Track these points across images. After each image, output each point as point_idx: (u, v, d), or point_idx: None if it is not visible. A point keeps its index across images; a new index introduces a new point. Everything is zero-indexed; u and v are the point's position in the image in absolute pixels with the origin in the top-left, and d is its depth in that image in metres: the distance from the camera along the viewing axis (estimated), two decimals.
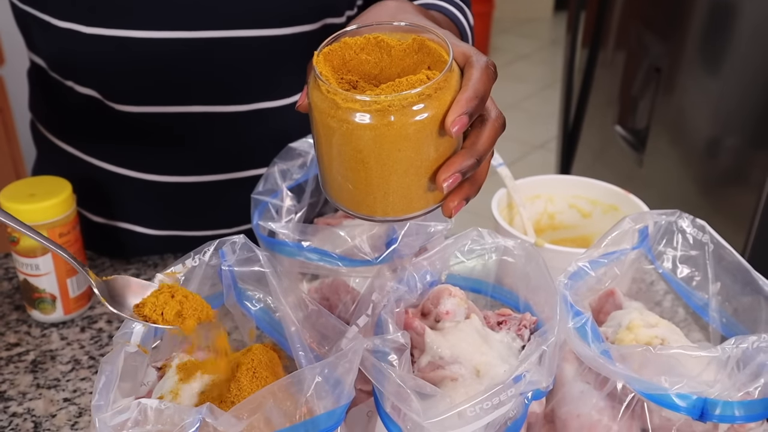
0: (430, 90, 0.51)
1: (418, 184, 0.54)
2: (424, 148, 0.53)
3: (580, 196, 0.94)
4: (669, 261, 0.68)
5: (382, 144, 0.52)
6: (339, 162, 0.54)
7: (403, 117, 0.51)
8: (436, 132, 0.52)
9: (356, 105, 0.51)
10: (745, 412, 0.54)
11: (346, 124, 0.51)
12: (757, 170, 1.44)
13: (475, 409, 0.52)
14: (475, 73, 0.54)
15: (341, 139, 0.52)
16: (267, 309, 0.62)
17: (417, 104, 0.51)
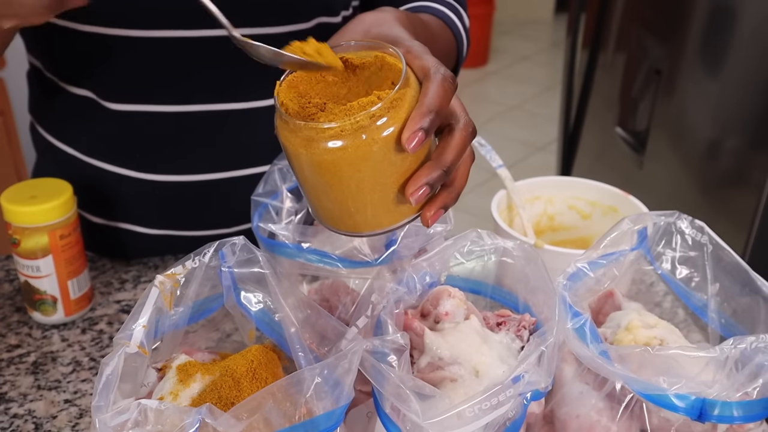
0: (383, 110, 0.51)
1: (390, 198, 0.55)
2: (386, 165, 0.53)
3: (579, 197, 0.95)
4: (668, 262, 0.68)
5: (342, 166, 0.52)
6: (311, 185, 0.56)
7: (356, 139, 0.51)
8: (396, 148, 0.52)
9: (312, 132, 0.51)
10: (744, 413, 0.54)
11: (306, 150, 0.52)
12: (757, 172, 1.44)
13: (474, 409, 0.52)
14: (430, 86, 0.53)
15: (307, 165, 0.53)
16: (267, 310, 0.62)
17: (371, 125, 0.51)
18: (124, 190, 0.92)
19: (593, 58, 2.03)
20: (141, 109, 0.87)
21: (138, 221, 0.95)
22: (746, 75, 1.48)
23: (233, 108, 0.88)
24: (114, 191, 0.93)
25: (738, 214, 1.49)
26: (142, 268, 0.95)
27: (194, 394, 0.56)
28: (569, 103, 2.14)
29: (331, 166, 0.52)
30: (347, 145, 0.51)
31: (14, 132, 1.90)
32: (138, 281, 0.93)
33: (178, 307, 0.62)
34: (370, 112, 0.51)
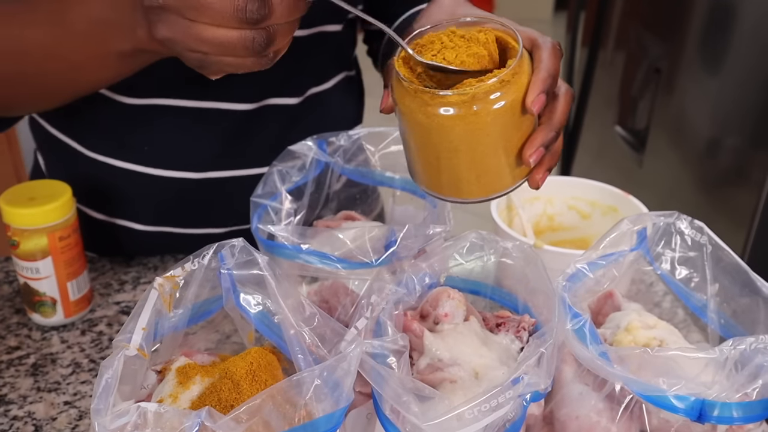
0: (508, 77, 0.56)
1: (506, 163, 0.60)
2: (508, 130, 0.58)
3: (579, 197, 0.95)
4: (667, 262, 0.68)
5: (471, 132, 0.57)
6: (432, 154, 0.59)
7: (487, 105, 0.55)
8: (518, 114, 0.57)
9: (444, 100, 0.55)
10: (744, 414, 0.54)
11: (437, 118, 0.56)
12: (756, 170, 1.44)
13: (474, 411, 0.52)
14: (544, 54, 0.59)
15: (433, 133, 0.57)
16: (266, 312, 0.62)
17: (497, 92, 0.56)
18: (128, 185, 0.92)
19: (593, 57, 2.03)
20: (152, 103, 0.87)
21: (139, 218, 0.95)
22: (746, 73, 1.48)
23: (244, 108, 0.88)
24: (117, 186, 0.93)
25: (738, 212, 1.49)
26: (141, 269, 0.95)
27: (194, 397, 0.56)
28: None
29: (461, 132, 0.56)
30: (479, 111, 0.55)
31: (14, 133, 1.90)
32: (137, 282, 0.93)
33: (177, 309, 0.62)
34: (498, 78, 0.56)
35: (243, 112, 0.89)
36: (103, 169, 0.92)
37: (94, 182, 0.93)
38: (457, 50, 0.59)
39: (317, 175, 0.81)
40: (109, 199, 0.94)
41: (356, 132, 0.82)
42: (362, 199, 0.87)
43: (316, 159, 0.80)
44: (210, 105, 0.88)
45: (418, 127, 0.58)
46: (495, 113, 0.56)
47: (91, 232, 0.95)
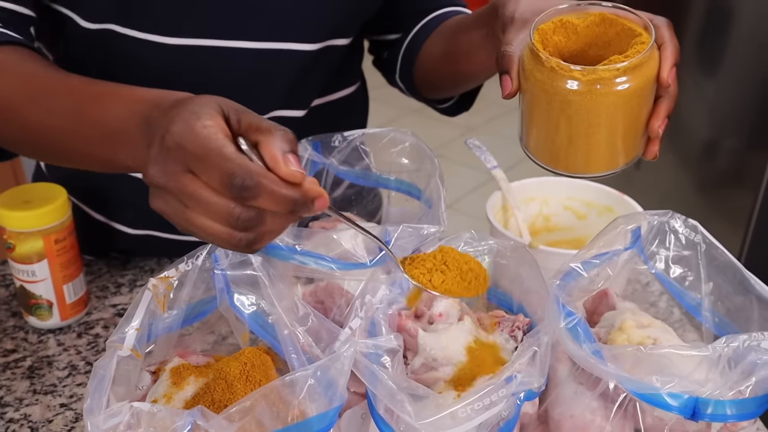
0: (648, 53, 0.60)
1: (635, 136, 0.64)
2: (643, 103, 0.63)
3: (574, 198, 0.95)
4: (662, 261, 0.68)
5: (618, 106, 0.61)
6: (570, 130, 0.63)
7: (633, 80, 0.60)
8: (652, 88, 0.62)
9: (596, 76, 0.59)
10: (737, 411, 0.54)
11: (587, 95, 0.60)
12: (753, 171, 1.44)
13: (467, 409, 0.52)
14: (665, 32, 0.64)
15: (581, 108, 0.61)
16: (260, 312, 0.62)
17: (639, 68, 0.60)
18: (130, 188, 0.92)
19: None
20: None
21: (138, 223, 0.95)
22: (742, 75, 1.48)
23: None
24: (119, 189, 0.93)
25: (735, 213, 1.49)
26: (137, 272, 0.96)
27: (188, 397, 0.56)
28: None
29: (611, 106, 0.60)
30: (629, 87, 0.60)
31: None
32: (134, 285, 0.93)
33: (171, 309, 0.62)
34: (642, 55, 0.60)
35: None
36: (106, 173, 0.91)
37: (95, 183, 0.93)
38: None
39: (312, 176, 0.81)
40: (110, 201, 0.94)
41: (352, 133, 0.82)
42: (358, 201, 0.87)
43: (312, 160, 0.80)
44: None
45: (561, 104, 0.61)
46: (637, 87, 0.60)
47: (90, 233, 0.95)
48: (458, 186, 2.81)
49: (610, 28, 0.65)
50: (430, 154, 0.78)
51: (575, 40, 0.66)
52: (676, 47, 0.64)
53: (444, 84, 0.95)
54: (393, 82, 1.03)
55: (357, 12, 0.90)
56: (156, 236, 0.95)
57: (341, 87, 0.97)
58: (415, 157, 0.80)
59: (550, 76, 0.61)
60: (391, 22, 0.98)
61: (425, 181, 0.78)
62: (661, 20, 0.65)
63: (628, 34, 0.64)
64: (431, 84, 0.97)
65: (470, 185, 2.85)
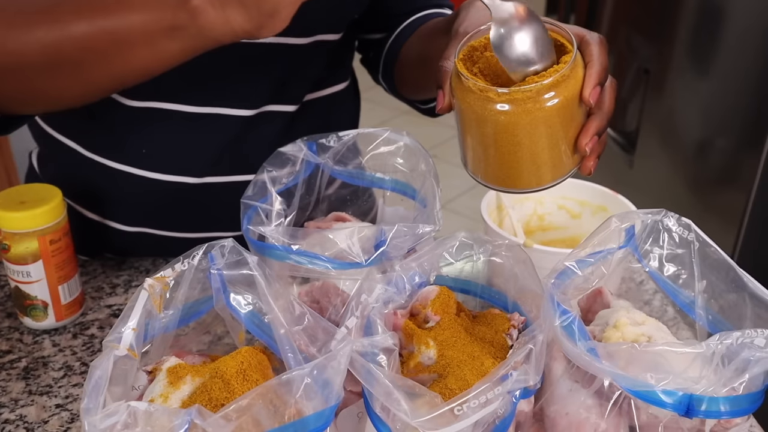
0: (567, 72, 0.60)
1: (563, 153, 0.64)
2: (566, 122, 0.62)
3: (568, 197, 0.95)
4: (655, 259, 0.69)
5: (534, 125, 0.61)
6: (494, 148, 0.63)
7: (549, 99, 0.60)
8: (575, 107, 0.62)
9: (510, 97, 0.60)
10: (731, 408, 0.54)
11: (502, 114, 0.60)
12: (746, 171, 1.45)
13: (463, 407, 0.52)
14: (594, 49, 0.63)
15: (498, 128, 0.61)
16: (256, 312, 0.62)
17: (558, 86, 0.60)
18: (123, 187, 0.92)
19: None
20: (152, 106, 0.87)
21: (133, 221, 0.95)
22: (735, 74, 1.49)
23: (242, 114, 0.89)
24: (112, 188, 0.93)
25: (728, 212, 1.49)
26: (133, 272, 0.96)
27: (184, 396, 0.56)
28: None
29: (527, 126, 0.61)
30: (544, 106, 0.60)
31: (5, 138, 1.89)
32: (129, 285, 0.93)
33: (167, 309, 0.62)
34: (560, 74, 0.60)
35: (241, 117, 0.89)
36: (99, 170, 0.92)
37: (89, 183, 0.93)
38: None
39: (307, 177, 0.81)
40: (103, 200, 0.95)
41: (347, 133, 0.82)
42: (353, 201, 0.87)
43: (307, 160, 0.81)
44: (209, 110, 0.88)
45: (481, 123, 0.62)
46: (557, 106, 0.60)
47: (84, 233, 0.95)
48: (452, 186, 2.82)
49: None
50: (425, 154, 0.78)
51: None
52: (603, 65, 0.63)
53: (420, 85, 0.96)
54: (377, 80, 1.05)
55: (344, 7, 0.91)
56: (150, 233, 0.95)
57: (332, 83, 0.97)
58: (409, 157, 0.80)
59: (470, 96, 0.62)
60: (377, 21, 0.99)
61: (420, 180, 0.78)
62: (594, 37, 0.64)
63: (559, 50, 0.64)
64: (409, 85, 0.99)
65: (464, 186, 2.86)
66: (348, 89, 1.02)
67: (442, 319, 0.63)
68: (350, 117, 1.04)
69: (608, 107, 0.65)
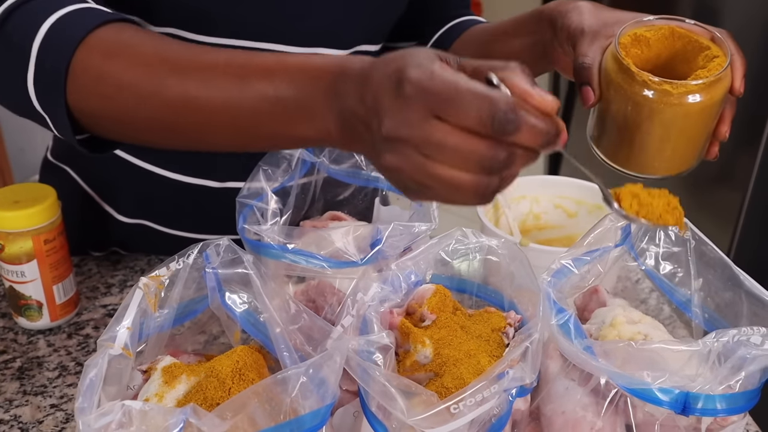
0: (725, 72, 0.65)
1: (706, 141, 0.70)
2: (717, 113, 0.68)
3: (565, 196, 0.95)
4: (652, 258, 0.69)
5: (703, 115, 0.66)
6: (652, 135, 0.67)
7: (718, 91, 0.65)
8: (726, 98, 0.68)
9: (687, 89, 0.64)
10: (727, 405, 0.54)
11: (677, 107, 0.65)
12: (742, 170, 1.45)
13: (459, 406, 0.52)
14: (731, 43, 0.67)
15: (665, 118, 0.65)
16: (252, 311, 0.62)
17: (720, 82, 0.65)
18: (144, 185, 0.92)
19: None
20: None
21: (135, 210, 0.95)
22: None
23: None
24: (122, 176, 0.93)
25: (724, 211, 1.49)
26: (128, 272, 0.95)
27: (179, 396, 0.56)
28: None
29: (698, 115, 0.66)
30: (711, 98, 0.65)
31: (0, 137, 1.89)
32: (124, 285, 0.93)
33: (162, 308, 0.62)
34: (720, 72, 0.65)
35: None
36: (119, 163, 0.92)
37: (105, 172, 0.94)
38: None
39: (303, 176, 0.81)
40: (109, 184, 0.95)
41: None
42: (349, 200, 0.87)
43: (303, 159, 0.80)
44: None
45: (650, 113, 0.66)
46: (718, 98, 0.66)
47: (85, 222, 0.96)
48: None
49: (678, 41, 0.69)
50: None
51: (647, 52, 0.70)
52: (743, 57, 0.68)
53: None
54: None
55: (385, 18, 0.92)
56: (149, 227, 0.95)
57: None
58: None
59: (641, 88, 0.65)
60: (410, 29, 0.99)
61: None
62: (724, 33, 0.69)
63: (695, 46, 0.68)
64: None
65: None
66: None
67: (438, 317, 0.63)
68: None
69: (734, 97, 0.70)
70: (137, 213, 0.95)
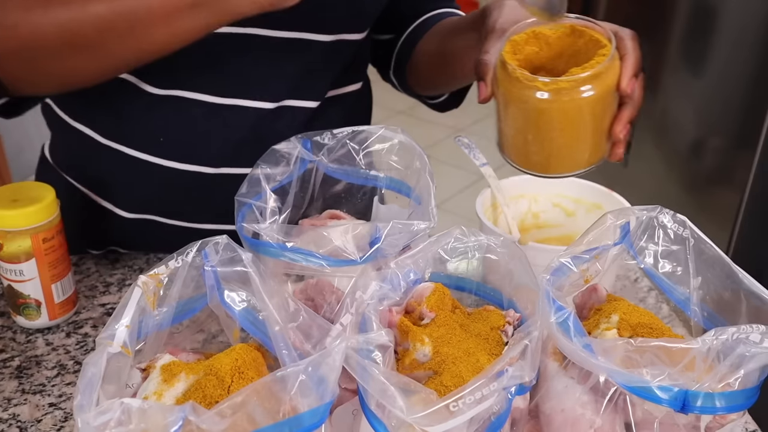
0: (608, 64, 0.65)
1: (598, 140, 0.70)
2: (605, 110, 0.68)
3: (563, 195, 0.95)
4: (650, 256, 0.69)
5: (577, 114, 0.66)
6: (534, 134, 0.68)
7: (592, 89, 0.65)
8: (612, 96, 0.67)
9: (557, 86, 0.64)
10: (726, 403, 0.54)
11: (547, 103, 0.65)
12: (740, 170, 1.45)
13: (459, 404, 0.52)
14: (629, 43, 0.68)
15: (542, 115, 0.66)
16: (251, 309, 0.62)
17: (599, 78, 0.65)
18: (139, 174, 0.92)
19: None
20: (173, 94, 0.88)
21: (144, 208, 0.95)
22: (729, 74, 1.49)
23: (262, 107, 0.90)
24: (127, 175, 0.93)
25: (721, 211, 1.50)
26: (127, 271, 0.95)
27: (178, 394, 0.55)
28: None
29: (573, 113, 0.65)
30: (591, 95, 0.65)
31: None
32: (123, 284, 0.93)
33: (161, 307, 0.62)
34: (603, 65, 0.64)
35: (261, 110, 0.90)
36: (114, 156, 0.92)
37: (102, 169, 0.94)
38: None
39: (302, 174, 0.81)
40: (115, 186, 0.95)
41: (341, 131, 0.82)
42: (347, 198, 0.87)
43: (301, 158, 0.80)
44: (229, 101, 0.89)
45: (525, 111, 0.67)
46: (596, 96, 0.65)
47: (86, 221, 0.96)
48: (446, 186, 2.82)
49: (579, 38, 0.69)
50: (420, 151, 0.78)
51: (547, 50, 0.70)
52: (637, 58, 0.68)
53: (436, 83, 0.99)
54: (386, 77, 1.08)
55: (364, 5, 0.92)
56: (151, 220, 0.95)
57: (351, 82, 0.99)
58: (404, 155, 0.80)
59: (517, 85, 0.66)
60: (388, 22, 1.01)
61: (415, 178, 0.78)
62: (626, 32, 0.69)
63: (595, 44, 0.68)
64: (423, 82, 1.01)
65: (459, 185, 2.86)
66: (363, 88, 1.04)
67: (438, 315, 0.63)
68: (365, 115, 1.07)
69: (638, 97, 0.70)
70: (137, 207, 0.95)
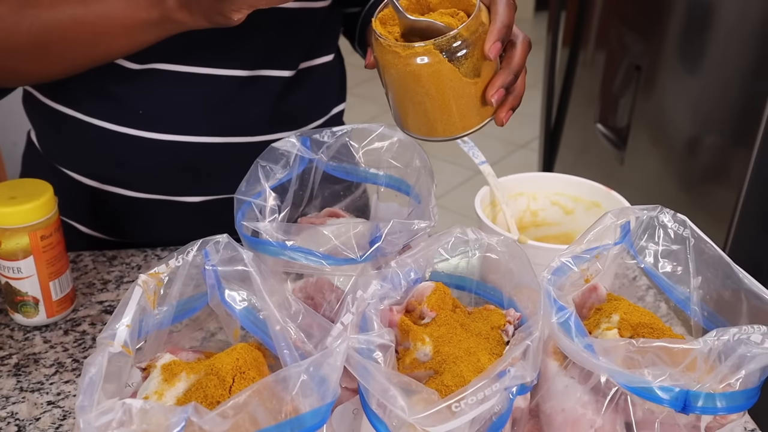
0: (469, 26, 0.65)
1: (473, 104, 0.69)
2: (470, 74, 0.67)
3: (562, 193, 0.95)
4: (651, 256, 0.69)
5: (439, 78, 0.66)
6: (408, 99, 0.69)
7: (450, 53, 0.65)
8: (479, 61, 0.66)
9: (413, 51, 0.65)
10: (727, 404, 0.54)
11: (408, 67, 0.66)
12: (737, 167, 1.45)
13: (460, 404, 0.52)
14: (500, 8, 0.66)
15: (408, 80, 0.67)
16: (251, 308, 0.62)
17: (458, 41, 0.65)
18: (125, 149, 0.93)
19: (574, 56, 2.04)
20: (150, 68, 0.89)
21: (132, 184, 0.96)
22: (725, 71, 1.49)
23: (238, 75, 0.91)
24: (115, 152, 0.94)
25: (718, 209, 1.50)
26: (124, 268, 0.95)
27: (179, 393, 0.55)
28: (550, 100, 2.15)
29: (431, 77, 0.66)
30: (445, 58, 0.65)
31: None
32: (120, 282, 0.93)
33: (161, 306, 0.61)
34: (458, 29, 0.64)
35: (235, 78, 0.91)
36: (100, 134, 0.92)
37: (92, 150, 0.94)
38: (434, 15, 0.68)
39: (301, 172, 0.81)
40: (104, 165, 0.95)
41: (340, 129, 0.82)
42: (346, 196, 0.87)
43: (300, 156, 0.80)
44: (204, 71, 0.90)
45: (395, 77, 0.68)
46: (458, 60, 0.65)
47: (82, 203, 0.97)
48: (443, 182, 2.82)
49: (459, 3, 0.69)
50: (419, 149, 0.78)
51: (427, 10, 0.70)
52: (504, 23, 0.66)
53: None
54: (354, 49, 1.11)
55: None
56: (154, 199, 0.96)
57: (322, 53, 1.01)
58: (403, 153, 0.80)
59: (384, 52, 0.67)
60: None
61: (414, 176, 0.78)
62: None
63: (472, 6, 0.68)
64: None
65: (455, 181, 2.86)
66: (335, 60, 1.06)
67: (438, 315, 0.63)
68: (340, 88, 1.08)
69: (516, 63, 0.69)
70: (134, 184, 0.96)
